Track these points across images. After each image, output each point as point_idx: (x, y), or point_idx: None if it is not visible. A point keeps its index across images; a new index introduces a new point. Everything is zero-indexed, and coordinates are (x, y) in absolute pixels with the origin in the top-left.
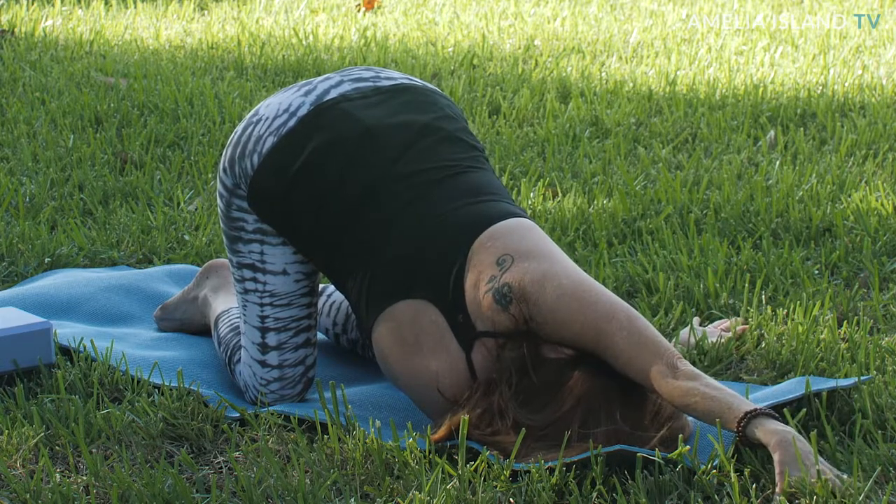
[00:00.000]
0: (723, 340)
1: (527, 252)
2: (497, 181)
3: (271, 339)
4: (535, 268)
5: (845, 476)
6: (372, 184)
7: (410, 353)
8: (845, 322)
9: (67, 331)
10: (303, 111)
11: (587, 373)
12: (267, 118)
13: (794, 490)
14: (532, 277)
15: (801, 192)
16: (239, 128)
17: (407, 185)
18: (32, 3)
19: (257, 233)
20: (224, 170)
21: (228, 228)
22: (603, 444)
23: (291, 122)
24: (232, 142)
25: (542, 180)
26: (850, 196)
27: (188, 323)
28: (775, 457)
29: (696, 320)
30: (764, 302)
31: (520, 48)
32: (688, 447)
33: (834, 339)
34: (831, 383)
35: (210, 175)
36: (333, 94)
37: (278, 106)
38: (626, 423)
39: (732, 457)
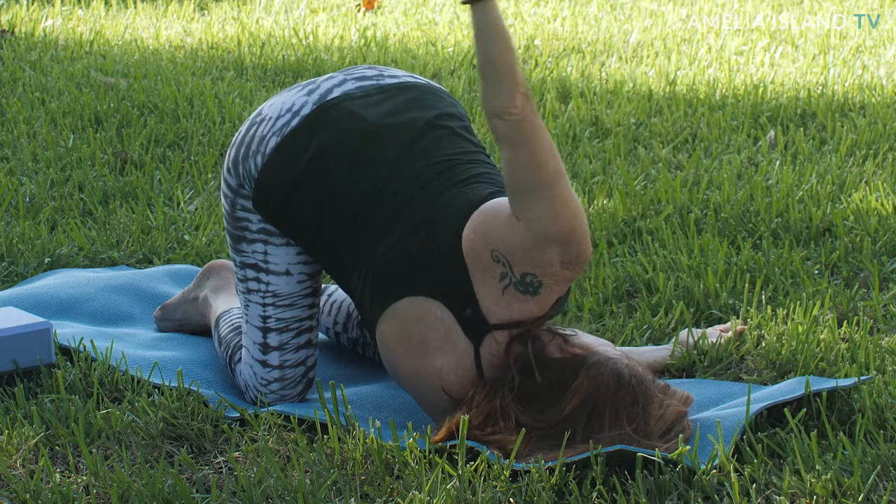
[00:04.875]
0: (722, 341)
1: (501, 237)
2: (496, 173)
3: (273, 339)
4: (518, 241)
5: None
6: (376, 182)
7: (415, 351)
8: (845, 322)
9: (67, 331)
10: (306, 110)
11: (593, 374)
12: (270, 118)
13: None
14: (529, 253)
15: (801, 193)
16: (242, 128)
17: (410, 182)
18: (32, 3)
19: (261, 233)
20: (228, 170)
21: (232, 228)
22: (605, 446)
23: (294, 122)
24: (235, 142)
25: None
26: (850, 196)
27: (188, 323)
28: None
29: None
30: (764, 302)
31: (520, 48)
32: (688, 447)
33: (834, 339)
34: (831, 383)
35: (210, 175)
36: (336, 92)
37: (281, 105)
38: (632, 425)
39: (732, 457)
